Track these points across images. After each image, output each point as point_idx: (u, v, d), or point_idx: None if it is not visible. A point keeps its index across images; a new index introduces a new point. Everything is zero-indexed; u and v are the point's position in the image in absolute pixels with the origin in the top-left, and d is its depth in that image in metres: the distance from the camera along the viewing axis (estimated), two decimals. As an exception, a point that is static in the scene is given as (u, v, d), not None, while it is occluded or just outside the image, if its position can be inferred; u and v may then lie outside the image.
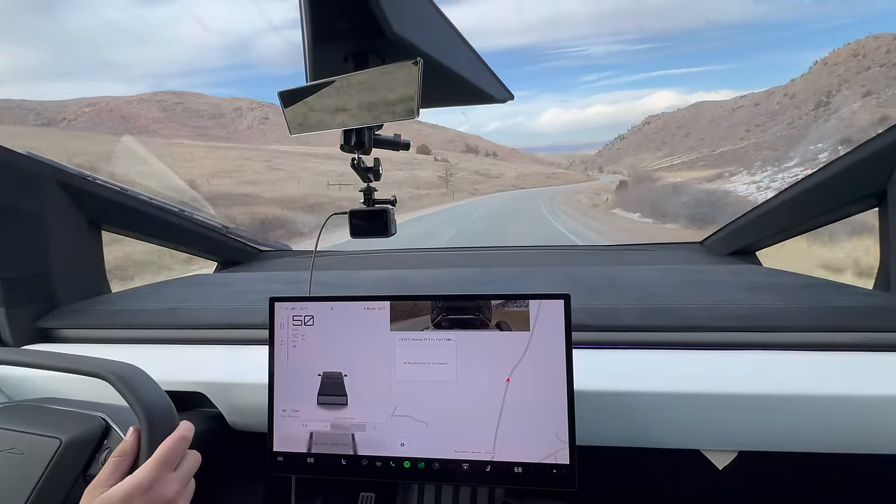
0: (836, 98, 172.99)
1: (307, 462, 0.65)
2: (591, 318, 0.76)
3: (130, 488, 0.43)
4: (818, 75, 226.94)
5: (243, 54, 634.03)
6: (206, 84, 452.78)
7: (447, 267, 1.31)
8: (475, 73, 0.56)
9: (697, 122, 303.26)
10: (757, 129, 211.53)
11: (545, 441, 0.59)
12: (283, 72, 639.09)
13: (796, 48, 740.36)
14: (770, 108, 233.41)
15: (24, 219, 0.91)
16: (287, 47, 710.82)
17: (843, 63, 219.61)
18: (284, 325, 0.67)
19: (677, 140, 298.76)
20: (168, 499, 0.45)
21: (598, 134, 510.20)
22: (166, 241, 1.31)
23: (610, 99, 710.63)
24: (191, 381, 0.76)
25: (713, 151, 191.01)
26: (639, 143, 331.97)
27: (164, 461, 0.46)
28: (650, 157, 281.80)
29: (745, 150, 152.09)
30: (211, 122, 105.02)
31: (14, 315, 0.90)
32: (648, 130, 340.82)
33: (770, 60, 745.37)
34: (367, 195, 0.78)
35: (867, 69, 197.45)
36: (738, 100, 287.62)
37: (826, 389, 0.62)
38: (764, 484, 0.89)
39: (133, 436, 0.49)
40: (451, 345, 0.62)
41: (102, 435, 0.54)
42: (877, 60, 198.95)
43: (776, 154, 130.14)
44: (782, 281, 0.91)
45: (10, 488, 0.50)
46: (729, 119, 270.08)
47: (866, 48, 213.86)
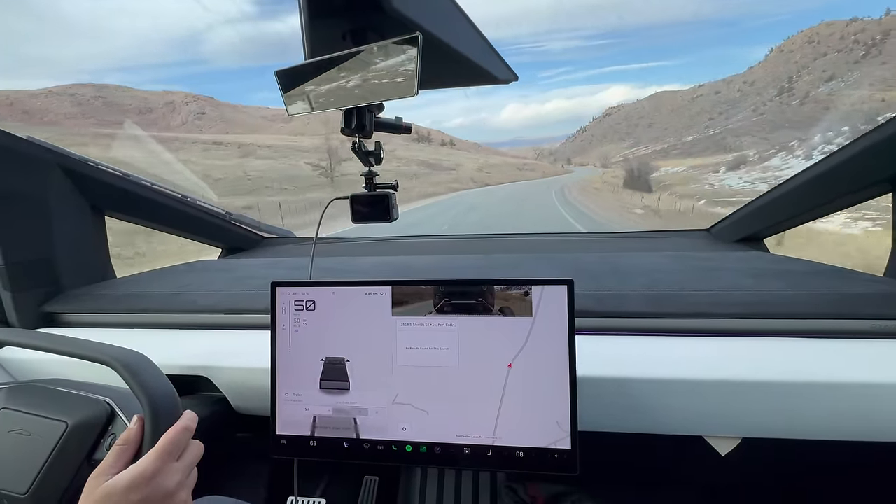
0: (798, 84, 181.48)
1: (310, 445, 0.65)
2: (594, 303, 0.75)
3: (134, 478, 0.44)
4: (775, 62, 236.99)
5: (193, 49, 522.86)
6: (150, 81, 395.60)
7: (449, 253, 1.30)
8: (478, 53, 0.55)
9: (658, 112, 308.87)
10: (720, 116, 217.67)
11: (547, 426, 0.59)
12: (234, 66, 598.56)
13: (740, 43, 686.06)
14: (731, 97, 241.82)
15: (28, 204, 0.91)
16: (241, 41, 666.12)
17: (798, 50, 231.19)
18: (286, 310, 0.67)
19: (641, 130, 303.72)
20: (170, 490, 0.45)
21: (558, 128, 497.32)
22: (169, 227, 1.31)
23: (568, 94, 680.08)
24: (195, 365, 0.76)
25: (681, 140, 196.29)
26: (603, 134, 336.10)
27: (167, 452, 0.47)
28: (615, 147, 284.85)
29: (721, 137, 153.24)
30: (138, 117, 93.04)
31: (20, 299, 0.91)
32: (611, 122, 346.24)
33: (716, 55, 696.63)
34: (368, 180, 0.77)
35: (824, 55, 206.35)
36: (697, 89, 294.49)
37: (834, 377, 0.61)
38: (767, 471, 0.89)
39: (137, 424, 0.49)
40: (452, 330, 0.62)
41: (107, 420, 0.54)
42: (832, 46, 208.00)
43: (759, 139, 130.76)
44: (790, 268, 0.90)
45: (18, 468, 0.51)
46: (689, 108, 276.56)
47: (820, 35, 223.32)
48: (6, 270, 0.88)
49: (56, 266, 0.97)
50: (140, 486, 0.44)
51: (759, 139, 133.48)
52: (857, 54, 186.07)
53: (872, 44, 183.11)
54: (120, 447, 0.47)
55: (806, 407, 0.62)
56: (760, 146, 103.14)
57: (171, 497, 0.45)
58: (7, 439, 0.52)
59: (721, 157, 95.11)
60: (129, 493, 0.43)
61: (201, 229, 1.40)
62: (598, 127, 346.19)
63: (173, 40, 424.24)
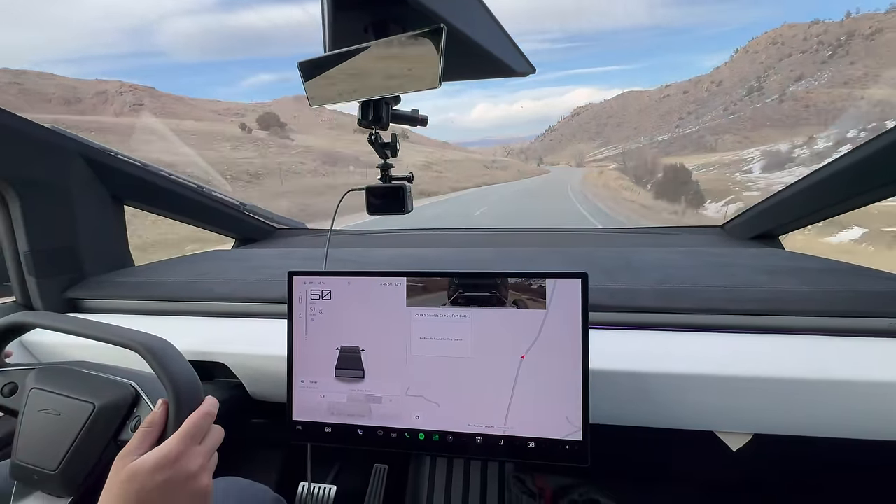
0: (766, 83, 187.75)
1: (325, 431, 0.67)
2: (608, 298, 0.75)
3: (159, 459, 0.45)
4: (741, 63, 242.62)
5: (148, 40, 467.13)
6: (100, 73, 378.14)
7: (463, 246, 1.31)
8: (497, 45, 0.55)
9: (626, 111, 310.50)
10: (690, 116, 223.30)
11: (559, 418, 0.60)
12: (194, 60, 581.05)
13: (696, 50, 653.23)
14: (699, 96, 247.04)
15: (51, 192, 0.93)
16: (202, 33, 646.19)
17: (763, 51, 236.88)
18: (302, 299, 0.68)
19: (610, 130, 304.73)
20: (192, 472, 0.47)
21: (526, 128, 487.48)
22: (186, 217, 1.33)
23: (535, 95, 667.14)
24: (213, 351, 0.78)
25: (652, 140, 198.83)
26: (572, 133, 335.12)
27: (190, 435, 0.48)
28: (586, 147, 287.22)
29: (699, 135, 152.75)
30: (63, 107, 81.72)
31: (44, 285, 0.93)
32: (579, 121, 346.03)
33: (674, 60, 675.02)
34: (384, 171, 0.77)
35: (789, 56, 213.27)
36: (664, 89, 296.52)
37: (848, 375, 0.60)
38: (777, 467, 0.89)
39: (161, 408, 0.51)
40: (466, 321, 0.63)
41: (132, 403, 0.56)
42: (796, 47, 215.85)
43: (741, 137, 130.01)
44: (805, 265, 0.89)
45: (48, 446, 0.53)
46: (658, 108, 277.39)
47: (783, 36, 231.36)
48: (32, 257, 0.91)
49: (78, 253, 0.99)
50: (164, 467, 0.45)
51: (740, 137, 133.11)
52: (824, 55, 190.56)
53: (838, 44, 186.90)
54: (145, 429, 0.49)
55: (819, 404, 0.62)
56: (743, 144, 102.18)
57: (193, 479, 0.47)
58: (38, 418, 0.55)
59: (708, 156, 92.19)
60: (153, 473, 0.45)
61: (216, 219, 1.42)
62: (567, 126, 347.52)
63: (126, 30, 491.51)
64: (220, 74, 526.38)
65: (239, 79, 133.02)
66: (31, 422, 0.54)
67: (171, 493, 0.45)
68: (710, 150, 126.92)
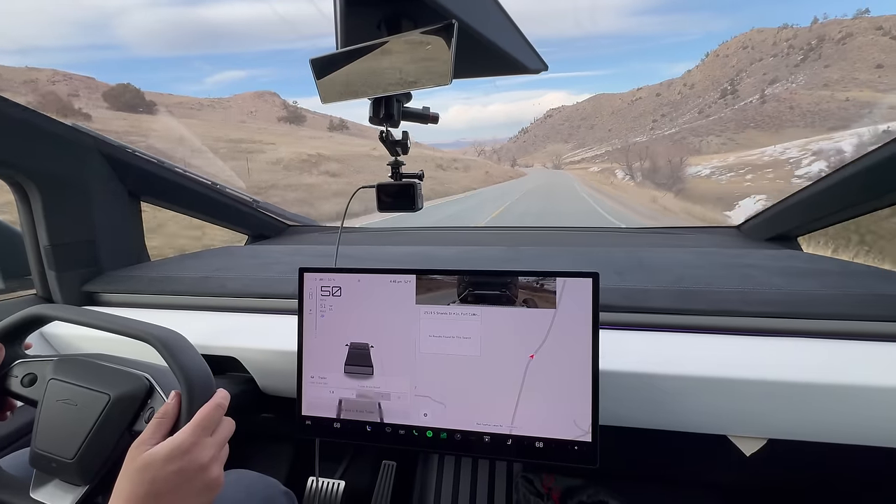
0: (740, 86, 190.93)
1: (334, 427, 0.67)
2: (620, 298, 0.74)
3: (172, 449, 0.47)
4: (712, 66, 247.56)
5: (109, 33, 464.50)
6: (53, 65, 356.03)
7: (474, 245, 1.31)
8: (510, 42, 0.54)
9: (599, 114, 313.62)
10: (664, 118, 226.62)
11: (568, 418, 0.59)
12: (159, 54, 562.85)
13: (660, 59, 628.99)
14: (672, 99, 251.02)
15: (71, 188, 0.95)
16: (165, 27, 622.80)
17: (733, 54, 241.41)
18: (313, 296, 0.68)
19: (583, 132, 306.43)
20: (204, 463, 0.48)
21: (500, 131, 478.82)
22: (200, 214, 1.36)
23: (508, 98, 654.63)
24: (225, 346, 0.79)
25: (627, 143, 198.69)
26: (545, 135, 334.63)
27: (202, 426, 0.49)
28: (560, 148, 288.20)
29: (680, 137, 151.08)
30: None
31: (63, 278, 0.96)
32: (552, 123, 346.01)
33: (641, 68, 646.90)
34: (394, 169, 0.77)
35: (759, 60, 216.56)
36: (636, 92, 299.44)
37: (869, 380, 0.59)
38: (791, 473, 0.87)
39: (174, 399, 0.52)
40: (475, 319, 0.63)
41: (146, 395, 0.57)
42: (766, 51, 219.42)
43: (726, 139, 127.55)
44: (824, 267, 0.87)
45: (66, 436, 0.54)
46: (631, 110, 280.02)
47: (753, 41, 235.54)
48: (52, 251, 0.93)
49: (96, 248, 1.01)
50: (177, 457, 0.46)
51: (725, 139, 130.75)
52: (796, 58, 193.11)
53: (809, 48, 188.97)
54: (159, 420, 0.50)
55: (838, 410, 0.61)
56: (728, 146, 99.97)
57: (204, 470, 0.48)
58: (56, 408, 0.56)
59: (708, 158, 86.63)
60: (166, 463, 0.46)
61: (229, 216, 1.44)
62: (540, 128, 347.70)
63: (81, 22, 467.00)
64: (184, 70, 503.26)
65: (205, 75, 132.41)
66: (49, 412, 0.56)
67: (183, 483, 0.46)
68: (694, 153, 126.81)
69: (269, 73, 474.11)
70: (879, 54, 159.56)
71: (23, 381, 0.60)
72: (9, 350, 0.61)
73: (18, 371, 0.61)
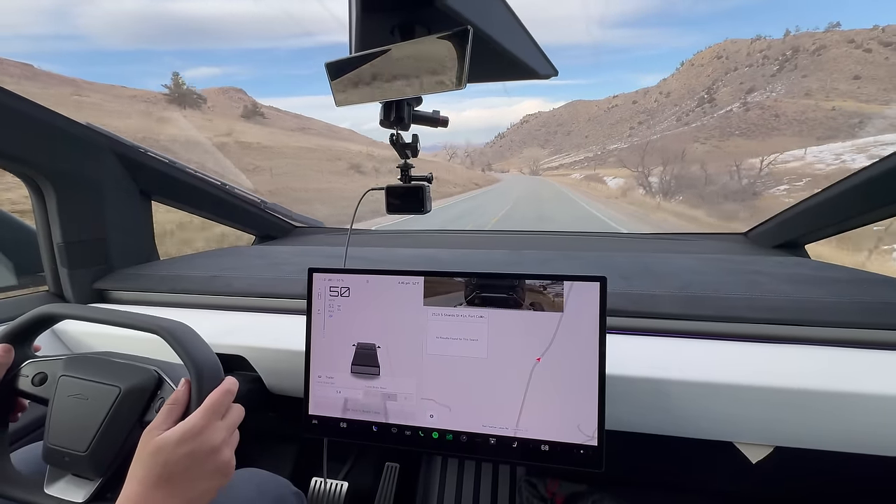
0: (717, 94, 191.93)
1: (340, 427, 0.68)
2: (627, 303, 0.74)
3: (184, 432, 0.48)
4: (687, 75, 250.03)
5: (72, 23, 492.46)
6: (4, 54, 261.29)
7: (480, 248, 1.31)
8: (521, 47, 0.55)
9: (576, 120, 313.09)
10: (641, 126, 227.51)
11: (574, 422, 0.59)
12: (121, 46, 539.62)
13: (634, 70, 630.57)
14: (648, 106, 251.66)
15: (85, 186, 0.97)
16: (131, 21, 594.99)
17: (708, 64, 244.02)
18: (322, 296, 0.69)
19: (560, 138, 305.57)
20: (215, 445, 0.49)
21: (477, 136, 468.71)
22: (209, 214, 1.37)
23: (486, 103, 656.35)
24: (233, 344, 0.80)
25: (605, 148, 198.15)
26: (521, 140, 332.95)
27: (212, 410, 0.50)
28: (537, 154, 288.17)
29: (663, 144, 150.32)
30: None
31: (75, 276, 0.97)
32: (529, 128, 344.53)
33: (616, 78, 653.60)
34: (404, 171, 0.78)
35: (734, 69, 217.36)
36: (612, 99, 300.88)
37: (878, 389, 0.58)
38: (799, 482, 0.86)
39: (184, 386, 0.54)
40: (483, 322, 0.63)
41: (156, 386, 0.58)
42: (741, 62, 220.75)
43: (711, 147, 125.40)
44: (832, 275, 0.86)
45: (78, 429, 0.55)
46: (608, 117, 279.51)
47: (727, 51, 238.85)
48: (65, 248, 0.94)
49: (108, 246, 1.03)
50: (188, 440, 0.47)
51: (710, 147, 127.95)
52: (771, 68, 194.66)
53: (784, 59, 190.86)
54: (170, 406, 0.51)
55: (847, 419, 0.60)
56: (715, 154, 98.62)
57: (216, 452, 0.49)
58: (67, 403, 0.57)
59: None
60: (178, 446, 0.47)
61: (238, 216, 1.46)
62: (517, 133, 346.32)
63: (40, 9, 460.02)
64: (154, 65, 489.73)
65: (176, 71, 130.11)
66: (60, 407, 0.57)
67: (195, 465, 0.47)
68: (677, 160, 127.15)
69: (245, 71, 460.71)
70: (855, 66, 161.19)
71: (33, 381, 0.61)
72: (18, 351, 0.62)
73: (28, 371, 0.62)
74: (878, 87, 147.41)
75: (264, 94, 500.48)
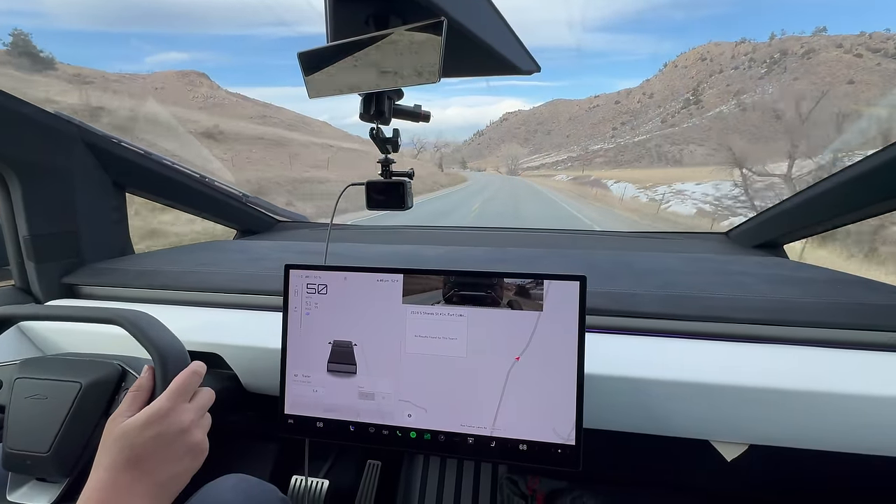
0: (704, 96, 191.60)
1: (316, 426, 0.66)
2: (607, 302, 0.74)
3: (149, 416, 0.46)
4: (671, 76, 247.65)
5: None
6: None
7: (462, 245, 1.30)
8: (501, 42, 0.54)
9: (557, 119, 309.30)
10: (624, 126, 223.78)
11: (551, 421, 0.59)
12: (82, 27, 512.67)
13: (612, 74, 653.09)
14: (631, 107, 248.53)
15: (52, 177, 0.93)
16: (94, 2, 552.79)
17: (692, 66, 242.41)
18: (299, 293, 0.68)
19: (540, 137, 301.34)
20: (184, 426, 0.47)
21: (459, 133, 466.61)
22: (187, 207, 1.33)
23: (468, 102, 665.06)
24: (208, 342, 0.78)
25: (587, 150, 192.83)
26: (500, 138, 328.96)
27: (178, 392, 0.49)
28: (516, 151, 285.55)
29: (655, 146, 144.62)
30: None
31: (42, 270, 0.93)
32: (508, 126, 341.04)
33: (595, 82, 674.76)
34: (384, 167, 0.77)
35: (720, 72, 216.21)
36: (593, 99, 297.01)
37: (849, 388, 0.59)
38: (771, 479, 0.88)
39: (148, 372, 0.52)
40: (462, 320, 0.62)
41: (120, 378, 0.56)
42: (726, 64, 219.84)
43: (710, 149, 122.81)
44: (810, 275, 0.88)
45: (38, 430, 0.53)
46: (589, 117, 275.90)
47: (711, 53, 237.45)
48: (31, 241, 0.91)
49: (78, 239, 0.99)
50: (154, 422, 0.46)
51: (709, 149, 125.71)
52: (759, 71, 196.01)
53: (772, 62, 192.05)
54: (133, 393, 0.49)
55: (818, 417, 0.61)
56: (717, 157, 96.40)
57: (185, 433, 0.47)
58: (24, 405, 0.54)
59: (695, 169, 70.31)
60: (144, 429, 0.45)
61: (218, 210, 1.42)
62: (496, 131, 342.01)
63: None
64: (122, 48, 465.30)
65: (144, 54, 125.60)
66: (17, 409, 0.54)
67: (164, 448, 0.45)
68: (675, 163, 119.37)
69: (213, 57, 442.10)
70: (847, 70, 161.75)
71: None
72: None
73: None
74: (875, 92, 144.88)
75: (231, 81, 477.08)
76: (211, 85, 74.28)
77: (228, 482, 0.63)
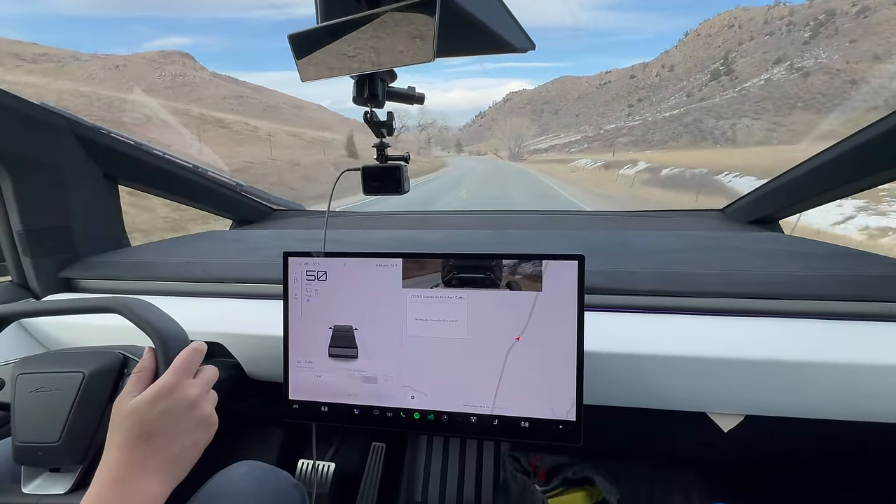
0: (737, 65, 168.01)
1: (321, 411, 0.67)
2: (605, 280, 0.75)
3: (156, 392, 0.47)
4: (693, 46, 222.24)
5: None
6: None
7: (460, 228, 1.30)
8: (496, 19, 0.53)
9: (565, 98, 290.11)
10: (641, 103, 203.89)
11: (553, 398, 0.60)
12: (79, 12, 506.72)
13: (617, 54, 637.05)
14: (649, 82, 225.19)
15: (43, 170, 0.91)
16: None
17: (718, 34, 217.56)
18: (298, 280, 0.68)
19: (547, 117, 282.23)
20: (191, 400, 0.48)
21: (462, 117, 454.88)
22: (181, 198, 1.32)
23: (471, 84, 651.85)
24: (210, 331, 0.78)
25: (602, 129, 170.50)
26: (503, 119, 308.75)
27: (182, 368, 0.50)
28: (521, 131, 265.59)
29: (695, 122, 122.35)
30: None
31: (38, 265, 0.93)
32: (512, 106, 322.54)
33: (601, 62, 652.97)
34: (380, 151, 0.76)
35: (751, 39, 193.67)
36: (604, 75, 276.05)
37: (840, 358, 0.61)
38: (768, 448, 0.90)
39: (149, 354, 0.52)
40: (462, 303, 0.63)
41: (122, 365, 0.57)
42: (757, 30, 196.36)
43: (768, 122, 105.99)
44: (806, 249, 0.88)
45: (47, 422, 0.53)
46: (601, 94, 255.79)
47: (739, 19, 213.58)
48: (25, 236, 0.90)
49: (73, 233, 0.98)
50: (161, 398, 0.46)
51: (767, 122, 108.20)
52: (802, 35, 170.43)
53: (818, 24, 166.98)
54: (137, 374, 0.50)
55: (812, 387, 0.63)
56: (769, 128, 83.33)
57: (194, 407, 0.48)
58: (30, 399, 0.55)
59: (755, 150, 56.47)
60: (153, 405, 0.46)
61: (212, 200, 1.41)
62: (499, 112, 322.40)
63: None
64: (119, 32, 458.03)
65: (142, 38, 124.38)
66: (23, 404, 0.55)
67: (173, 422, 0.46)
68: (728, 142, 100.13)
69: (215, 42, 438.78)
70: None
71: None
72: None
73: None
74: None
75: (226, 65, 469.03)
76: (186, 65, 71.76)
77: (241, 469, 0.64)
